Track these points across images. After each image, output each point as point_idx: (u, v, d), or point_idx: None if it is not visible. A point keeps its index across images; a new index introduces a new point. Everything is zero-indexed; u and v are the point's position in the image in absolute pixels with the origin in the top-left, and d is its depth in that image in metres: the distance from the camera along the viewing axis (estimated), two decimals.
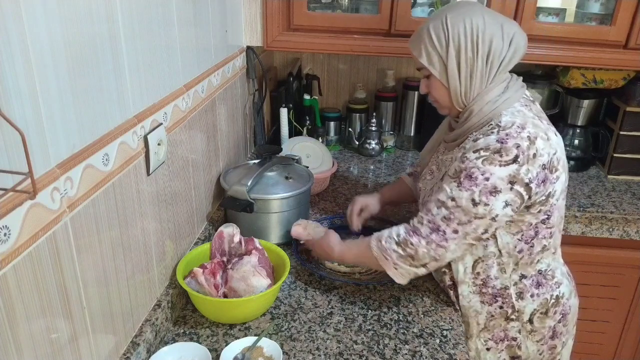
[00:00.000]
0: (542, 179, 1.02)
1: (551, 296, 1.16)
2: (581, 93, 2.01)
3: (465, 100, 1.09)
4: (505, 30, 1.05)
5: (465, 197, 1.01)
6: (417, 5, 1.77)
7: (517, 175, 0.99)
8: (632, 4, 1.65)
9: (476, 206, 1.01)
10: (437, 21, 1.06)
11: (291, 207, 1.43)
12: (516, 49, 1.06)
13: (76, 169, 0.75)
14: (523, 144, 0.99)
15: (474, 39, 1.03)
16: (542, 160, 1.00)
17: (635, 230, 1.76)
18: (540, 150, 1.00)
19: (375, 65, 2.27)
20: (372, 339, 1.12)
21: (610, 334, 1.96)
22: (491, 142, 1.01)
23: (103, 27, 0.81)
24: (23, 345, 0.66)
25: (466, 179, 1.02)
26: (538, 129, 1.02)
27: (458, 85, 1.07)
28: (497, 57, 1.05)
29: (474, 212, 1.02)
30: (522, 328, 1.17)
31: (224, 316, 1.14)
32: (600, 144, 2.05)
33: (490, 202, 1.01)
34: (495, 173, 0.99)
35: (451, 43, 1.04)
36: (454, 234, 1.04)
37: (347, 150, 2.21)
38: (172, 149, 1.12)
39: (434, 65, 1.08)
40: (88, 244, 0.80)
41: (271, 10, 1.70)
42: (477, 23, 1.03)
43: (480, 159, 1.01)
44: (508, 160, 0.99)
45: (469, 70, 1.05)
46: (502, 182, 0.99)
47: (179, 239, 1.21)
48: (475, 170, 1.01)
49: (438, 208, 1.05)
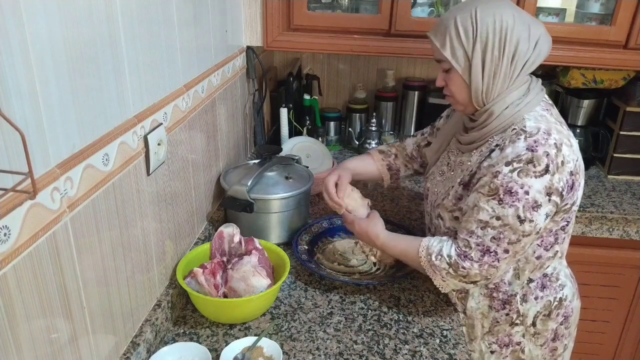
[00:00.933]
0: (570, 186, 1.00)
1: (554, 298, 1.16)
2: (581, 93, 2.01)
3: (486, 99, 1.05)
4: (532, 31, 1.01)
5: (511, 214, 0.99)
6: (417, 5, 1.77)
7: (552, 186, 0.98)
8: (632, 4, 1.65)
9: (522, 224, 0.99)
10: (466, 13, 1.01)
11: (291, 207, 1.43)
12: (540, 51, 1.02)
13: (76, 169, 0.75)
14: (552, 152, 0.97)
15: (502, 37, 0.99)
16: (569, 167, 0.99)
17: (635, 230, 1.76)
18: (566, 157, 0.99)
19: (375, 65, 2.27)
20: (372, 339, 1.12)
21: (610, 334, 1.96)
22: (521, 151, 0.98)
23: (103, 27, 0.81)
24: (23, 345, 0.66)
25: (507, 194, 0.99)
26: (562, 135, 1.00)
27: (480, 84, 1.04)
28: (522, 58, 1.02)
29: (522, 231, 1.00)
30: (526, 332, 1.17)
31: (224, 316, 1.14)
32: (600, 144, 2.05)
33: (534, 217, 0.99)
34: (533, 186, 0.97)
35: (478, 38, 1.00)
36: (505, 254, 1.03)
37: (347, 150, 2.21)
38: (172, 149, 1.12)
39: (457, 60, 1.03)
40: (88, 244, 0.80)
41: (271, 10, 1.70)
42: (507, 20, 0.99)
43: (515, 171, 0.98)
44: (541, 170, 0.97)
45: (493, 69, 1.02)
46: (540, 195, 0.98)
47: (179, 239, 1.21)
48: (514, 184, 0.98)
49: (483, 229, 1.03)
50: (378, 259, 1.35)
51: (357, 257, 1.37)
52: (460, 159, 1.16)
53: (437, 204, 1.18)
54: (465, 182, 1.10)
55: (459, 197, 1.11)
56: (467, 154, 1.13)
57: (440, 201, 1.17)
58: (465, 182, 1.11)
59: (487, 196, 1.02)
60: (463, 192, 1.11)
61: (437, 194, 1.21)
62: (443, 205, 1.15)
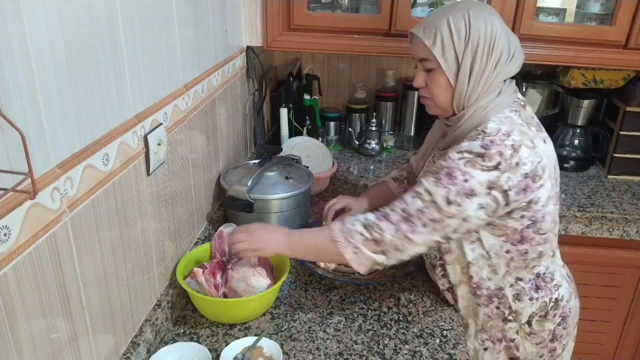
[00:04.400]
0: (522, 187, 1.00)
1: (550, 299, 1.15)
2: (581, 93, 2.01)
3: (466, 103, 1.07)
4: (511, 43, 1.05)
5: (442, 194, 1.00)
6: (417, 5, 1.77)
7: (497, 182, 0.98)
8: (632, 4, 1.65)
9: (449, 205, 1.00)
10: (459, 15, 1.02)
11: (291, 207, 1.43)
12: (515, 64, 1.06)
13: (76, 169, 0.75)
14: (506, 152, 0.98)
15: (491, 43, 1.02)
16: (525, 169, 0.99)
17: (635, 230, 1.76)
18: (523, 159, 0.98)
19: (375, 65, 2.27)
20: (372, 339, 1.12)
21: (610, 334, 1.96)
22: (474, 147, 0.99)
23: (103, 27, 0.81)
24: (23, 345, 0.66)
25: (446, 176, 1.00)
26: (524, 136, 1.01)
27: (466, 87, 1.05)
28: (502, 66, 1.04)
29: (447, 212, 1.00)
30: (520, 329, 1.17)
31: (224, 316, 1.14)
32: (600, 144, 2.05)
33: (464, 203, 0.99)
34: (475, 177, 0.98)
35: (470, 41, 1.01)
36: (422, 228, 1.02)
37: (347, 150, 2.21)
38: (172, 149, 1.12)
39: (446, 60, 1.03)
40: (88, 244, 0.80)
41: (271, 10, 1.70)
42: (496, 28, 1.02)
43: (462, 159, 0.99)
44: (490, 166, 0.98)
45: (480, 73, 1.03)
46: (480, 186, 0.98)
47: (179, 239, 1.21)
48: (457, 170, 0.99)
49: (413, 198, 1.03)
50: None
51: None
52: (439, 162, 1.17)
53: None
54: None
55: None
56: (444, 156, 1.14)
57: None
58: None
59: (431, 174, 1.03)
60: None
61: None
62: None
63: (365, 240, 1.04)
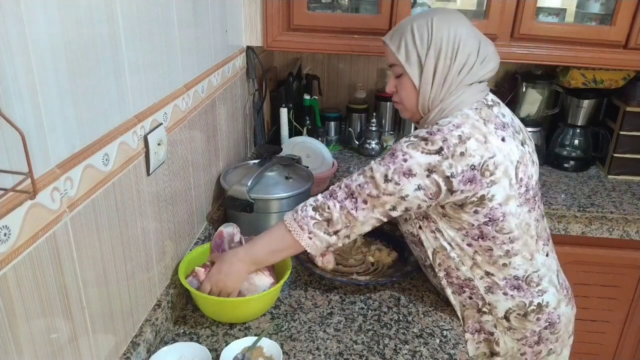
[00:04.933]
0: (468, 178, 1.01)
1: (531, 302, 1.14)
2: (581, 93, 2.01)
3: (430, 105, 1.10)
4: (481, 49, 1.07)
5: (381, 171, 1.03)
6: (417, 5, 1.77)
7: (438, 167, 1.00)
8: (632, 4, 1.65)
9: (387, 182, 1.03)
10: (423, 21, 1.06)
11: (291, 207, 1.41)
12: (486, 69, 1.08)
13: (76, 169, 0.75)
14: (450, 140, 1.00)
15: (455, 47, 1.04)
16: (471, 161, 1.00)
17: (635, 230, 1.76)
18: (470, 150, 1.00)
19: (375, 65, 2.27)
20: (372, 339, 1.12)
21: (610, 334, 1.96)
22: (420, 132, 1.04)
23: (103, 27, 0.81)
24: (23, 345, 0.66)
25: (389, 156, 1.04)
26: (475, 130, 1.02)
27: (429, 89, 1.08)
28: (468, 71, 1.06)
29: (384, 188, 1.03)
30: (498, 323, 1.17)
31: (226, 316, 1.14)
32: (600, 144, 2.05)
33: (402, 182, 1.02)
34: (415, 157, 1.01)
35: (433, 45, 1.05)
36: (363, 204, 1.06)
37: (347, 150, 2.21)
38: (172, 149, 1.12)
39: (410, 64, 1.08)
40: (88, 244, 0.80)
41: (271, 10, 1.70)
42: (461, 33, 1.05)
43: (407, 142, 1.03)
44: (431, 149, 1.00)
45: (443, 76, 1.06)
46: (419, 167, 1.01)
47: (179, 239, 1.21)
48: (398, 151, 1.03)
49: (358, 175, 1.08)
50: (376, 259, 1.36)
51: (355, 257, 1.37)
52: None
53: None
54: None
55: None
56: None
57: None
58: None
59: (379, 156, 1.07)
60: None
61: None
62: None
63: (317, 223, 1.08)
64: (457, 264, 1.14)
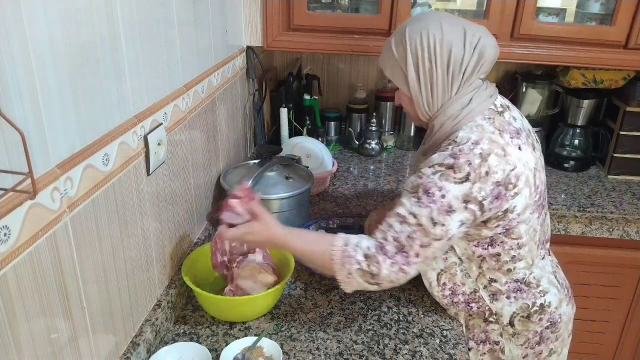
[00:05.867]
0: (495, 195, 1.00)
1: (533, 303, 1.14)
2: (581, 93, 2.01)
3: (430, 111, 1.09)
4: (467, 37, 1.02)
5: (425, 214, 0.99)
6: (417, 5, 1.77)
7: (470, 194, 0.98)
8: (632, 4, 1.65)
9: (435, 226, 0.99)
10: (398, 35, 1.07)
11: (291, 207, 1.43)
12: (481, 54, 1.03)
13: (76, 169, 0.75)
14: (474, 161, 0.98)
15: (431, 49, 1.02)
16: (495, 178, 0.99)
17: (635, 230, 1.76)
18: (493, 167, 0.98)
19: (375, 65, 2.27)
20: (372, 339, 1.12)
21: (610, 334, 1.97)
22: (444, 158, 1.00)
23: (103, 27, 0.81)
24: (23, 345, 0.66)
25: (424, 194, 1.00)
26: (494, 144, 1.00)
27: (419, 96, 1.08)
28: (459, 65, 1.03)
29: (433, 234, 1.00)
30: (504, 331, 1.17)
31: (230, 314, 1.14)
32: (600, 144, 2.05)
33: (447, 222, 0.99)
34: (450, 190, 0.98)
35: (409, 55, 1.05)
36: (415, 258, 1.02)
37: (347, 150, 2.21)
38: (172, 149, 1.12)
39: (395, 78, 1.10)
40: (88, 244, 0.80)
41: (271, 10, 1.70)
42: (434, 34, 1.02)
43: (436, 174, 1.00)
44: (461, 177, 0.98)
45: (428, 80, 1.05)
46: (456, 200, 0.98)
47: (179, 239, 1.21)
48: (433, 185, 0.99)
49: (401, 224, 1.02)
50: None
51: None
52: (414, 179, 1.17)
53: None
54: None
55: None
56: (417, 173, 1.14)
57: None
58: None
59: (410, 192, 1.03)
60: None
61: None
62: None
63: (361, 271, 1.03)
64: (463, 277, 1.14)
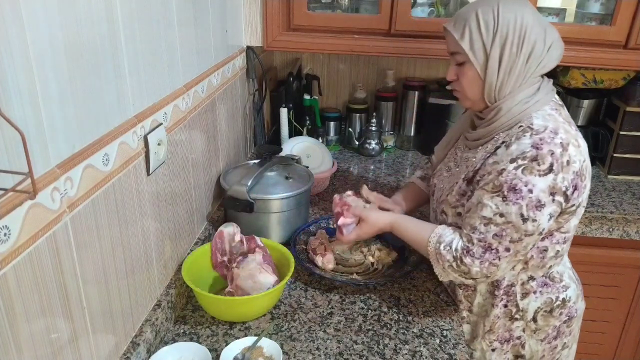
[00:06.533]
0: (574, 186, 1.00)
1: (557, 297, 1.16)
2: (581, 93, 2.01)
3: (498, 95, 1.05)
4: (547, 35, 1.03)
5: (515, 211, 0.99)
6: (417, 5, 1.77)
7: (555, 186, 0.98)
8: (632, 4, 1.65)
9: (525, 222, 0.99)
10: (488, 7, 1.01)
11: (291, 207, 1.43)
12: (552, 56, 1.04)
13: (76, 169, 0.75)
14: (557, 151, 0.97)
15: (522, 35, 1.00)
16: (574, 167, 0.99)
17: (635, 230, 1.76)
18: (572, 157, 0.98)
19: (375, 65, 2.27)
20: (372, 339, 1.12)
21: (610, 334, 1.97)
22: (525, 148, 0.98)
23: (103, 27, 0.81)
24: (23, 345, 0.66)
25: (510, 192, 0.99)
26: (569, 135, 1.00)
27: (495, 79, 1.04)
28: (536, 59, 1.03)
29: (524, 229, 1.00)
30: (527, 327, 1.17)
31: (230, 314, 1.14)
32: (600, 144, 2.05)
33: (538, 217, 0.99)
34: (537, 184, 0.97)
35: (499, 33, 1.00)
36: (506, 252, 1.03)
37: (347, 150, 2.21)
38: (172, 149, 1.12)
39: (474, 52, 1.03)
40: (88, 244, 0.80)
41: (271, 10, 1.70)
42: (528, 20, 1.00)
43: (519, 168, 0.98)
44: (545, 169, 0.97)
45: (510, 65, 1.02)
46: (544, 194, 0.98)
47: (179, 239, 1.21)
48: (518, 181, 0.98)
49: (486, 225, 1.03)
50: (376, 259, 1.36)
51: (355, 257, 1.37)
52: (466, 155, 1.16)
53: (442, 200, 1.18)
54: (469, 178, 1.11)
55: (463, 193, 1.11)
56: (473, 150, 1.13)
57: (444, 197, 1.17)
58: (468, 178, 1.11)
59: (492, 193, 1.02)
60: (466, 188, 1.11)
61: (442, 190, 1.20)
62: (447, 201, 1.15)
63: (453, 269, 1.08)
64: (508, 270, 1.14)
